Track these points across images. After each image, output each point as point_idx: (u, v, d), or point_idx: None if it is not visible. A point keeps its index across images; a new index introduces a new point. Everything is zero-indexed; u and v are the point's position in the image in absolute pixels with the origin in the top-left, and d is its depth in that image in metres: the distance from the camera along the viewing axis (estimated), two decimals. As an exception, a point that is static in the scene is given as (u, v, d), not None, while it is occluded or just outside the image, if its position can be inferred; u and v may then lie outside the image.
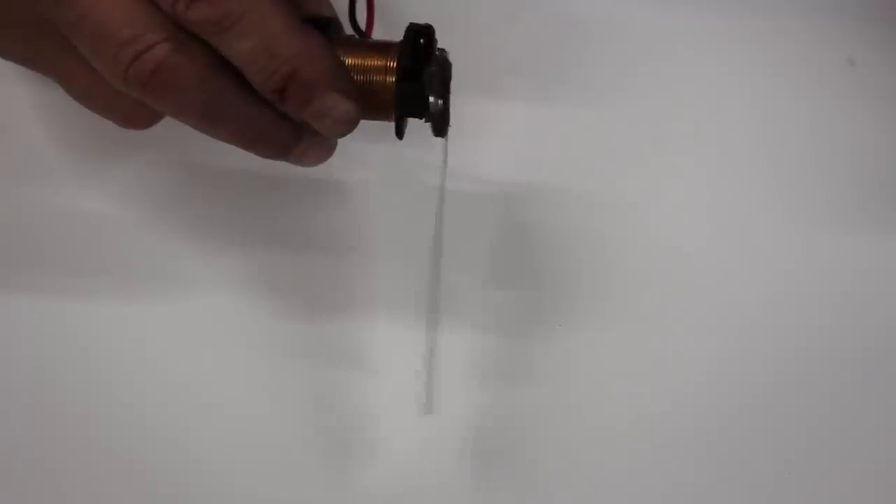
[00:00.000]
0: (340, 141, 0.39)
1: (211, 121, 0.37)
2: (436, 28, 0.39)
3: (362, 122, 0.38)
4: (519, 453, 0.47)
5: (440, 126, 0.40)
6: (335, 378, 0.47)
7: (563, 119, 0.48)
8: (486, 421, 0.47)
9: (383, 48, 0.38)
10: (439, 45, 0.39)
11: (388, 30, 0.40)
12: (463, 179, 0.47)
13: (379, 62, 0.38)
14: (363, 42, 0.39)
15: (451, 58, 0.39)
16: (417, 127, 0.40)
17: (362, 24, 0.41)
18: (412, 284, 0.47)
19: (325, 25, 0.38)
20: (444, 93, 0.39)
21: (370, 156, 0.47)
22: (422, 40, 0.38)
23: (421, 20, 0.39)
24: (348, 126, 0.37)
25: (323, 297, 0.48)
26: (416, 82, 0.38)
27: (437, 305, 0.47)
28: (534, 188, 0.48)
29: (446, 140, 0.40)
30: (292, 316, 0.48)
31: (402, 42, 0.38)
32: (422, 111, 0.39)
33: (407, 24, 0.39)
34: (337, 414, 0.47)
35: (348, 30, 0.40)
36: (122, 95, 0.36)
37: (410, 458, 0.47)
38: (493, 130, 0.48)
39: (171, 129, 0.39)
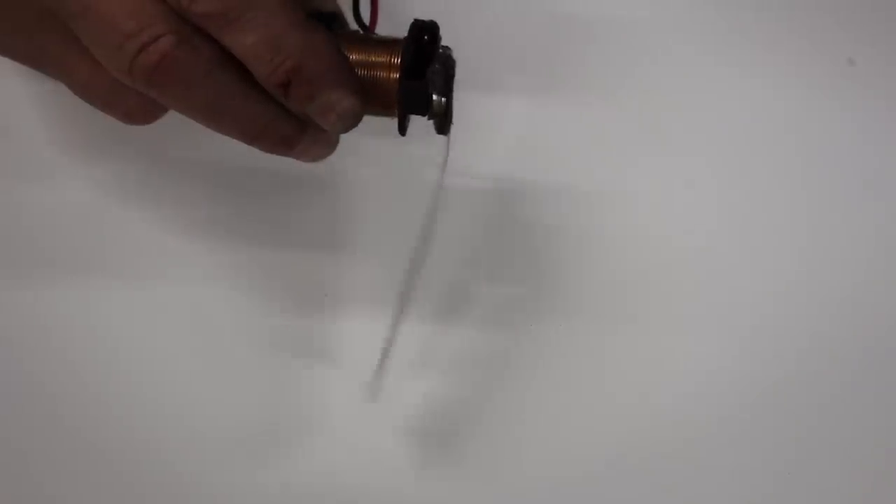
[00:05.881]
0: (342, 137, 0.39)
1: (214, 115, 0.36)
2: (440, 25, 0.39)
3: (365, 118, 0.37)
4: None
5: (443, 124, 0.39)
6: (336, 374, 0.48)
7: (565, 117, 0.49)
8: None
9: (387, 44, 0.38)
10: (443, 43, 0.39)
11: (393, 27, 0.39)
12: (465, 176, 0.47)
13: (383, 58, 0.38)
14: (367, 38, 0.39)
15: (455, 55, 0.39)
16: (420, 124, 0.40)
17: (366, 19, 0.41)
18: (411, 281, 0.47)
19: (328, 21, 0.38)
20: (448, 91, 0.39)
21: (372, 152, 0.48)
22: (426, 37, 0.38)
23: (425, 17, 0.39)
24: (351, 122, 0.37)
25: (320, 292, 0.48)
26: (419, 80, 0.38)
27: (410, 300, 0.47)
28: (535, 186, 0.48)
29: (448, 138, 0.40)
30: (288, 311, 0.48)
31: (406, 38, 0.38)
32: (425, 109, 0.38)
33: (411, 20, 0.39)
34: (324, 407, 0.48)
35: (353, 26, 0.40)
36: (124, 90, 0.36)
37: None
38: (495, 128, 0.48)
39: (171, 128, 0.39)
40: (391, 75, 0.38)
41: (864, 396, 0.48)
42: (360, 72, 0.38)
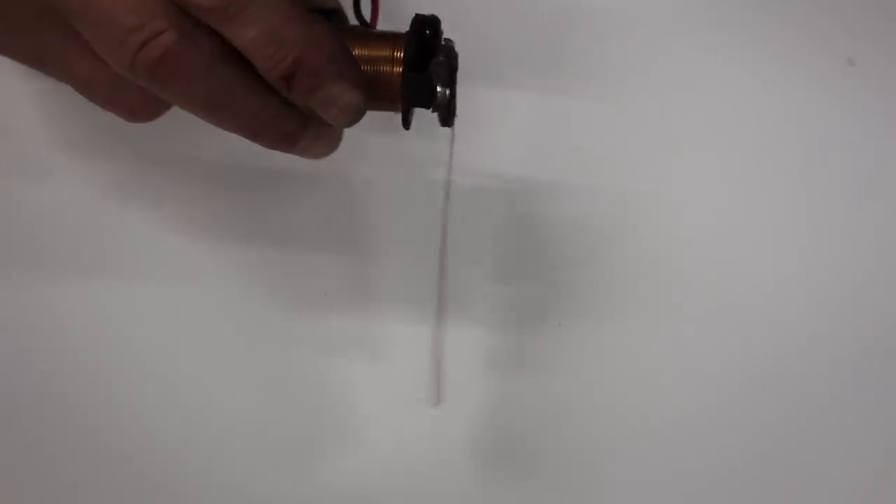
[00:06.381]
0: (346, 133, 0.39)
1: (217, 110, 0.36)
2: (442, 19, 0.39)
3: (369, 114, 0.37)
4: (525, 446, 0.47)
5: (447, 116, 0.39)
6: (341, 371, 0.47)
7: (570, 111, 0.49)
8: (494, 414, 0.47)
9: (390, 38, 0.38)
10: (447, 37, 0.39)
11: (393, 25, 0.39)
12: (469, 172, 0.47)
13: (385, 52, 0.38)
14: (369, 32, 0.39)
15: (458, 48, 0.39)
16: (424, 118, 0.40)
17: (367, 17, 0.41)
18: (418, 278, 0.47)
19: (329, 17, 0.38)
20: (451, 82, 0.39)
21: (377, 148, 0.47)
22: (428, 31, 0.38)
23: (426, 12, 0.39)
24: (355, 115, 0.37)
25: (329, 290, 0.48)
26: (422, 72, 0.38)
27: (444, 299, 0.47)
28: (540, 181, 0.48)
29: (453, 130, 0.40)
30: (298, 310, 0.48)
31: (408, 32, 0.38)
32: (428, 101, 0.39)
33: (411, 17, 0.39)
34: (341, 406, 0.47)
35: (353, 23, 0.40)
36: (126, 87, 0.36)
37: (418, 449, 0.47)
38: (500, 122, 0.48)
39: (172, 127, 0.39)
40: (394, 69, 0.38)
41: (863, 396, 0.48)
42: (363, 67, 0.38)
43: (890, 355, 0.48)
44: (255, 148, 0.38)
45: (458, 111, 0.40)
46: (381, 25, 0.41)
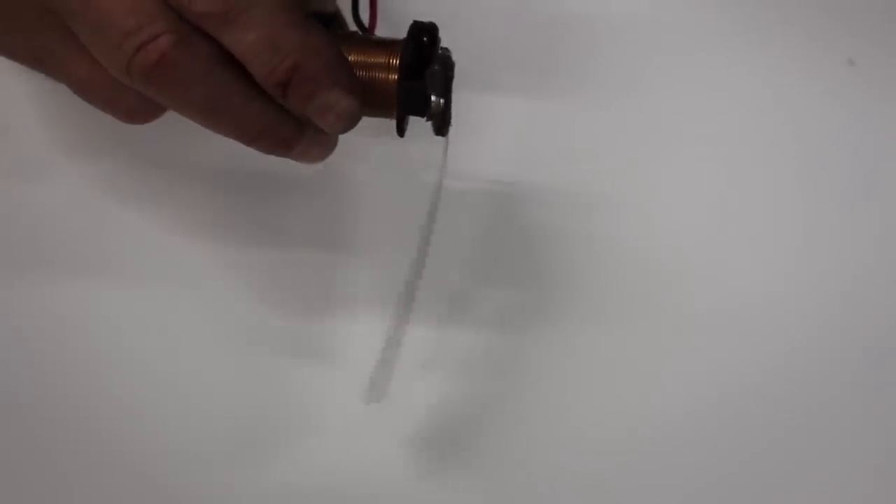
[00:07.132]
0: (341, 138, 0.39)
1: (213, 115, 0.36)
2: (439, 26, 0.39)
3: (364, 119, 0.37)
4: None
5: (441, 125, 0.39)
6: (330, 372, 0.48)
7: (565, 117, 0.48)
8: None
9: (386, 45, 0.38)
10: (443, 44, 0.39)
11: (392, 29, 0.39)
12: (463, 178, 0.47)
13: (381, 59, 0.38)
14: (366, 39, 0.39)
15: (454, 56, 0.39)
16: (420, 125, 0.40)
17: (366, 21, 0.41)
18: (397, 278, 0.47)
19: (328, 22, 0.38)
20: (446, 92, 0.39)
21: (371, 154, 0.47)
22: (425, 38, 0.38)
23: (424, 18, 0.39)
24: (350, 122, 0.37)
25: (318, 293, 0.48)
26: (417, 81, 0.38)
27: (412, 300, 0.47)
28: (534, 187, 0.48)
29: (447, 139, 0.40)
30: (286, 311, 0.48)
31: (405, 40, 0.38)
32: (423, 110, 0.38)
33: (410, 22, 0.39)
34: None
35: (352, 27, 0.40)
36: (124, 89, 0.36)
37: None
38: (494, 129, 0.48)
39: (172, 128, 0.39)
40: (390, 76, 0.38)
41: (864, 396, 0.48)
42: (359, 73, 0.38)
43: (890, 355, 0.48)
44: (253, 151, 0.38)
45: (453, 116, 0.40)
46: (380, 30, 0.41)
